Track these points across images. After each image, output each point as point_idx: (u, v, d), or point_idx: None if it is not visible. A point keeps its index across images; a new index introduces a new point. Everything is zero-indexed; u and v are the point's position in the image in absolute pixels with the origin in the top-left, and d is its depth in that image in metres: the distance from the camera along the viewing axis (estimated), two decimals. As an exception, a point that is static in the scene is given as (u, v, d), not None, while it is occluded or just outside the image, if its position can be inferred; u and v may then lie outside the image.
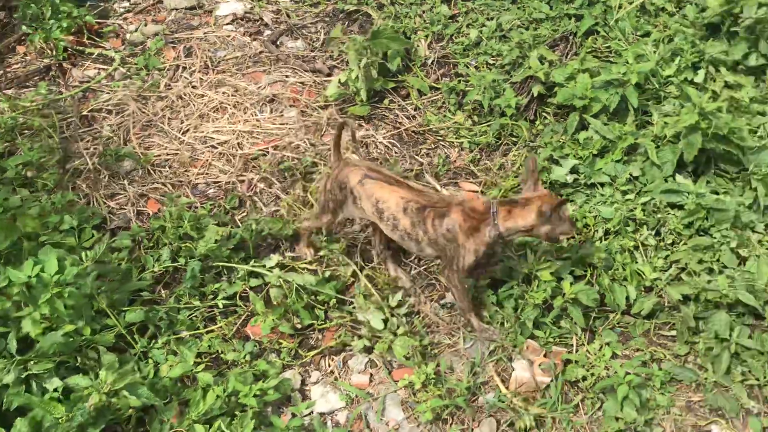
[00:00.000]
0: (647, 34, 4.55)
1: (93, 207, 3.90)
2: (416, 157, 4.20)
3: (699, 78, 4.11)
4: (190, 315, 3.39)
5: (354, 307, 3.41)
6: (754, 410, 3.01)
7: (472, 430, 3.01)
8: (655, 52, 4.25)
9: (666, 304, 3.34)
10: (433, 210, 3.02)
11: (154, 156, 4.21)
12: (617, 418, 2.94)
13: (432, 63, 4.75)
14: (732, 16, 4.29)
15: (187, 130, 4.38)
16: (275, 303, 3.37)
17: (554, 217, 2.92)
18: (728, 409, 3.00)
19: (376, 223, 3.27)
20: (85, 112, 4.47)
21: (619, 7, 4.65)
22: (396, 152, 4.22)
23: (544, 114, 4.30)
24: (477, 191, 3.96)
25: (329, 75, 4.74)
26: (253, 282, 3.50)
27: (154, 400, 2.86)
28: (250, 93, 4.60)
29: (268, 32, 5.12)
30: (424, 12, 5.03)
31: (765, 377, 3.06)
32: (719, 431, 2.97)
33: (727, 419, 2.99)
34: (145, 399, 2.82)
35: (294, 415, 3.08)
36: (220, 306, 3.42)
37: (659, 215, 3.57)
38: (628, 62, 4.05)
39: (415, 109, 4.50)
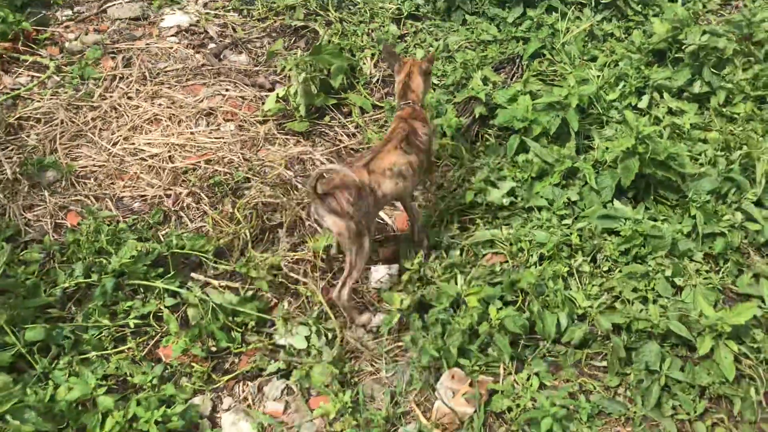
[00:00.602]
0: (594, 59, 4.51)
1: (8, 218, 3.70)
2: (354, 175, 4.06)
3: (643, 103, 4.06)
4: (98, 334, 3.19)
5: (275, 329, 3.23)
6: (684, 446, 2.89)
7: (389, 463, 2.84)
8: (599, 76, 4.18)
9: (598, 333, 3.21)
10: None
11: (80, 167, 4.03)
12: (541, 453, 2.78)
13: (377, 81, 4.65)
14: (677, 42, 4.26)
15: (118, 141, 4.21)
16: (192, 324, 3.19)
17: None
18: (657, 444, 2.86)
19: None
20: (11, 120, 4.26)
21: (567, 31, 4.59)
22: (333, 170, 4.07)
23: (486, 135, 4.20)
24: (413, 212, 3.83)
25: (271, 90, 4.60)
26: (170, 301, 3.32)
27: (44, 426, 2.66)
28: (187, 105, 4.44)
29: (212, 45, 4.99)
30: (372, 30, 4.94)
31: (695, 412, 2.93)
32: (646, 468, 2.83)
33: (656, 453, 2.85)
34: (33, 424, 2.62)
35: (201, 445, 2.88)
36: (131, 325, 3.22)
37: (595, 241, 3.46)
38: (570, 85, 3.98)
39: (356, 127, 4.37)
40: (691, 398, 2.96)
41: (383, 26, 4.95)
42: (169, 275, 3.39)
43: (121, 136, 4.22)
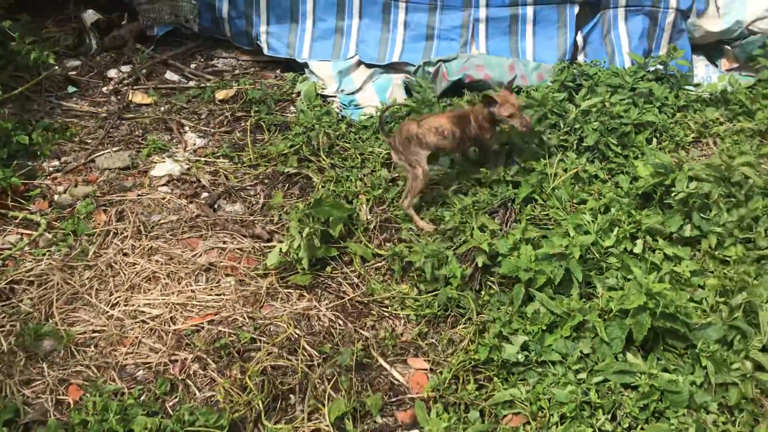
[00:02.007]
0: (583, 202, 4.66)
1: (5, 396, 3.52)
2: (361, 330, 4.04)
3: (638, 249, 4.18)
4: None
5: None
6: None
7: None
8: (593, 221, 4.32)
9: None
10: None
11: (78, 334, 3.90)
12: None
13: (374, 228, 4.70)
14: (663, 186, 4.45)
15: (117, 303, 4.11)
16: None
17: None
18: None
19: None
20: (2, 285, 4.13)
21: (555, 176, 4.77)
22: (340, 325, 4.04)
23: (489, 283, 4.25)
24: (426, 369, 3.80)
25: (269, 240, 4.61)
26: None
27: None
28: (185, 261, 4.39)
29: (205, 194, 5.00)
30: (365, 175, 5.05)
31: None
32: None
33: None
34: None
35: None
36: None
37: (614, 397, 3.48)
38: (569, 234, 4.10)
39: (358, 277, 4.38)
40: None
41: (375, 171, 5.06)
42: (182, 456, 3.25)
43: (120, 297, 4.13)
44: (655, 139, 5.26)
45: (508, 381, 3.67)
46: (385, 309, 4.18)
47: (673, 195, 4.30)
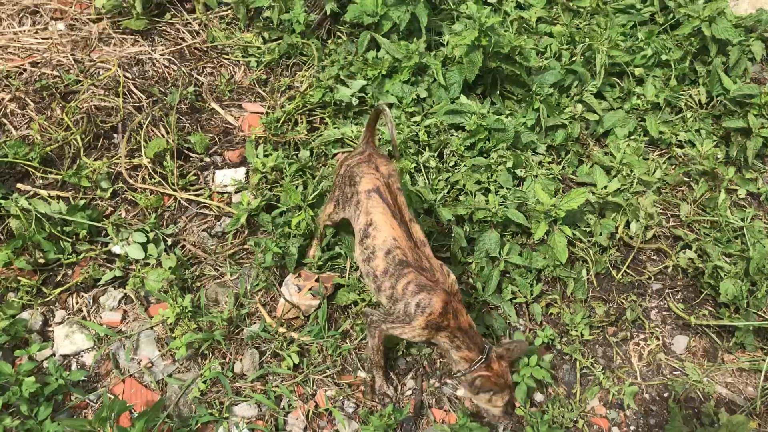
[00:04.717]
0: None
1: None
2: (198, 76, 3.84)
3: (491, -3, 4.02)
4: None
5: (109, 238, 3.06)
6: (521, 328, 3.01)
7: (233, 363, 2.80)
8: (448, -31, 4.09)
9: (443, 225, 3.25)
10: (416, 275, 2.44)
11: None
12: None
13: (223, -25, 4.35)
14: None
15: (-74, 42, 3.74)
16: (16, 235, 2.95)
17: (480, 392, 2.49)
18: (496, 327, 2.96)
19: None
20: None
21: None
22: (175, 70, 3.82)
23: (339, 33, 4.05)
24: (261, 113, 3.68)
25: (104, -15, 4.21)
26: (-10, 213, 3.05)
27: None
28: (8, 2, 3.99)
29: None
30: None
31: (532, 294, 3.05)
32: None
33: (494, 337, 2.96)
34: None
35: (30, 359, 2.72)
36: (-55, 241, 2.95)
37: (443, 137, 3.46)
38: (420, -21, 3.87)
39: (200, 25, 4.10)
40: (528, 282, 3.08)
41: None
42: (-9, 187, 3.11)
43: (-71, 36, 3.76)
44: None
45: (342, 123, 3.60)
46: (225, 57, 3.96)
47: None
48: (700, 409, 2.82)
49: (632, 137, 3.66)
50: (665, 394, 2.87)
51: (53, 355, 2.79)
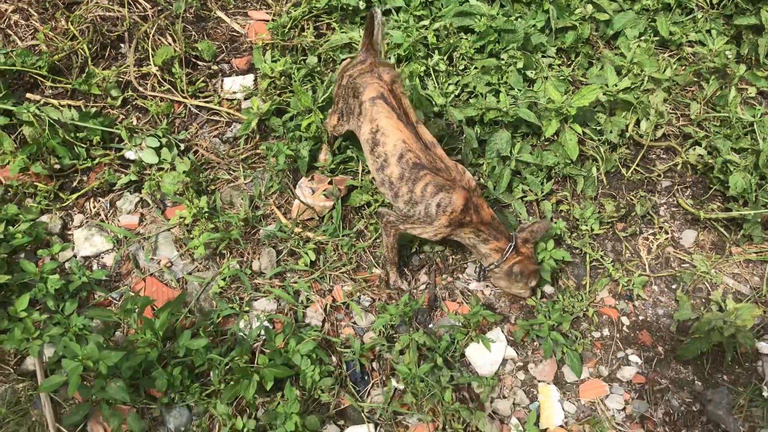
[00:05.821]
0: None
1: None
2: (202, -14, 3.78)
3: None
4: (-76, 160, 2.93)
5: (123, 144, 3.08)
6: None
7: (251, 262, 2.86)
8: None
9: (454, 127, 3.25)
10: (432, 176, 2.46)
11: None
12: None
13: None
14: None
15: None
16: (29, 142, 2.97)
17: (519, 277, 2.64)
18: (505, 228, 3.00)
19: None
20: None
21: None
22: (179, -19, 3.76)
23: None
24: (267, 20, 3.64)
25: None
26: (2, 120, 3.05)
27: None
28: None
29: None
30: None
31: (542, 192, 3.09)
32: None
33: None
34: None
35: (53, 259, 2.78)
36: (-39, 149, 2.97)
37: (451, 40, 3.43)
38: None
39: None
40: (539, 180, 3.11)
41: None
42: (5, 96, 3.10)
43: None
44: None
45: (349, 28, 3.56)
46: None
47: None
48: (708, 297, 2.89)
49: (642, 38, 3.62)
50: (673, 286, 2.94)
51: (74, 256, 2.85)
